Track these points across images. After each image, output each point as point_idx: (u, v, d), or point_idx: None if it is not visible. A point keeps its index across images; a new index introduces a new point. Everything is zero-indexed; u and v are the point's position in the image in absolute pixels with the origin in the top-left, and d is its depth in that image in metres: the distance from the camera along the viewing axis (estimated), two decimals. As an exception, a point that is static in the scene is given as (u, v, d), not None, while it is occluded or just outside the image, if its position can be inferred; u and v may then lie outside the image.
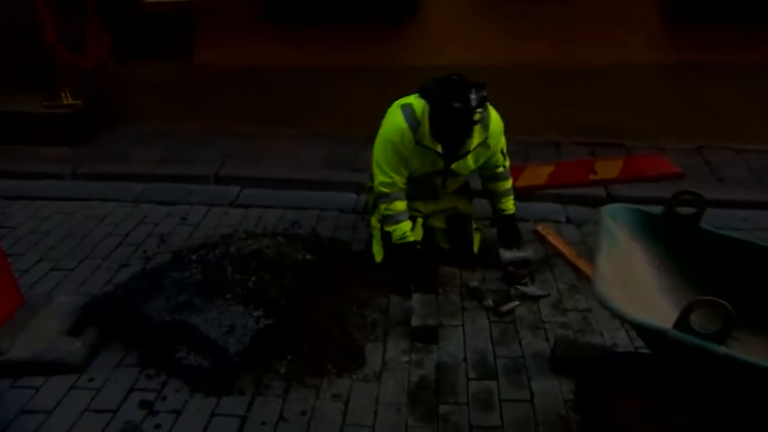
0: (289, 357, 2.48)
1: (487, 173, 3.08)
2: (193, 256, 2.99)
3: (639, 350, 2.46)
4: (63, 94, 4.68)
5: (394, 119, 2.78)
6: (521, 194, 3.82)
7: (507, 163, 3.07)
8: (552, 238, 3.34)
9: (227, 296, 2.56)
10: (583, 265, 3.10)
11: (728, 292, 1.85)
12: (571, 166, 4.07)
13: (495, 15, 4.25)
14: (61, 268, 3.22)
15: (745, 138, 4.32)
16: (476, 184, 3.27)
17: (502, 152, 2.99)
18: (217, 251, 2.96)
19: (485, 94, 2.58)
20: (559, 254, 3.23)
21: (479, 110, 2.57)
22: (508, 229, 3.15)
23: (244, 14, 4.36)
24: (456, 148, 2.76)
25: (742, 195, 3.71)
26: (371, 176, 3.17)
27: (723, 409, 1.66)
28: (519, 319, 2.76)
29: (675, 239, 1.98)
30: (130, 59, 4.73)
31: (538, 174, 3.98)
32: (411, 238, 2.91)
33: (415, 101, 2.78)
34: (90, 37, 4.54)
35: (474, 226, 3.15)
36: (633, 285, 1.81)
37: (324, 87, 4.57)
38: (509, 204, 3.14)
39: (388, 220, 2.92)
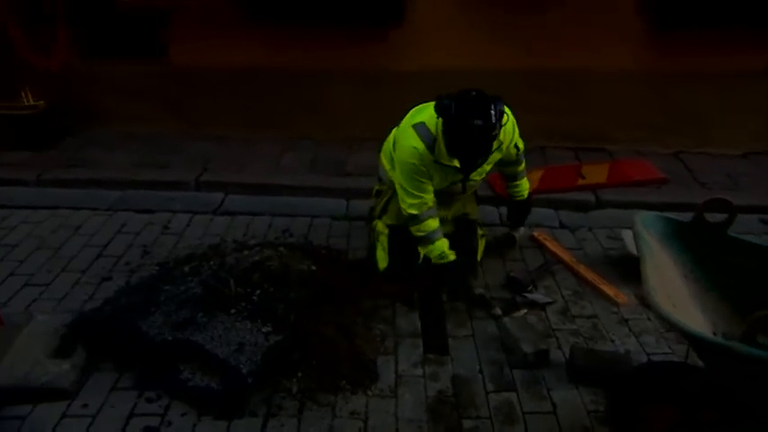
0: (299, 374, 2.36)
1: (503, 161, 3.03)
2: (186, 269, 2.82)
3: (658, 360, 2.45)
4: (23, 95, 4.36)
5: (409, 140, 2.66)
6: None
7: (521, 145, 2.99)
8: (550, 245, 3.33)
9: (232, 311, 2.41)
10: (584, 270, 3.10)
11: (758, 301, 1.88)
12: (560, 171, 4.10)
13: (481, 20, 4.22)
14: (36, 283, 2.97)
15: (718, 143, 4.45)
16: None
17: (515, 146, 2.92)
18: (211, 263, 2.80)
19: (502, 108, 2.50)
20: (559, 260, 3.22)
21: (498, 125, 2.49)
22: (516, 212, 3.25)
23: (224, 14, 4.17)
24: (475, 162, 2.68)
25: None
26: (380, 180, 3.08)
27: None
28: (529, 327, 2.72)
29: (704, 247, 1.98)
30: (100, 59, 4.45)
31: (529, 178, 3.97)
32: (451, 257, 2.78)
33: (426, 117, 2.67)
34: (56, 35, 4.24)
35: (480, 232, 3.10)
36: (672, 294, 1.79)
37: (308, 90, 4.44)
38: (520, 189, 3.17)
39: (422, 241, 2.79)
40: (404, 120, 2.88)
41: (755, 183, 4.07)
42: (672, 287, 1.83)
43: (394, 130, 2.98)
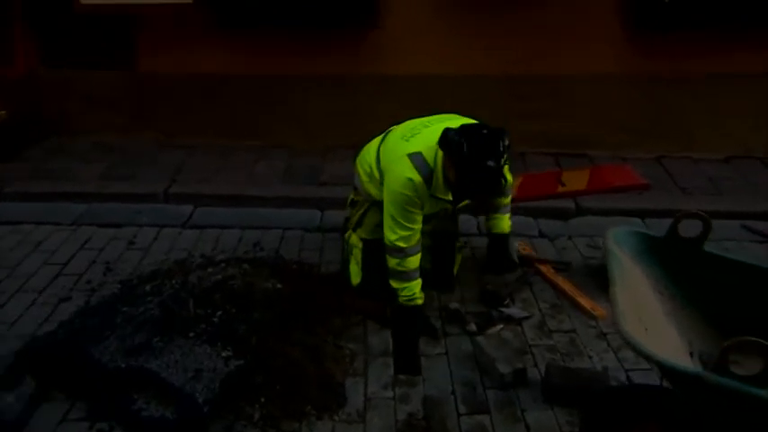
0: (262, 400, 2.24)
1: None
2: (147, 288, 2.68)
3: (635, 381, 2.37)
4: (-16, 104, 4.22)
5: (404, 170, 2.51)
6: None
7: (509, 177, 2.84)
8: (533, 256, 3.23)
9: (191, 335, 2.28)
10: (562, 282, 3.01)
11: (734, 317, 1.80)
12: (539, 178, 4.02)
13: (459, 25, 4.14)
14: (-11, 305, 2.84)
15: (700, 147, 4.39)
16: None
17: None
18: (174, 281, 2.68)
19: (507, 142, 2.37)
20: (537, 271, 3.13)
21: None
22: (495, 251, 2.97)
23: (194, 20, 4.06)
24: (473, 197, 2.61)
25: (707, 206, 3.73)
26: (355, 189, 2.97)
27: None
28: (504, 344, 2.62)
29: (678, 263, 1.90)
30: (65, 66, 4.31)
31: (507, 186, 3.89)
32: (419, 302, 2.63)
33: (422, 146, 2.53)
34: (17, 42, 4.10)
35: (457, 245, 3.00)
36: (645, 315, 1.70)
37: (281, 97, 4.33)
38: (498, 222, 2.94)
39: (397, 276, 2.61)
40: (391, 138, 2.72)
41: (737, 188, 4.01)
42: (645, 306, 1.74)
43: (375, 141, 2.84)
